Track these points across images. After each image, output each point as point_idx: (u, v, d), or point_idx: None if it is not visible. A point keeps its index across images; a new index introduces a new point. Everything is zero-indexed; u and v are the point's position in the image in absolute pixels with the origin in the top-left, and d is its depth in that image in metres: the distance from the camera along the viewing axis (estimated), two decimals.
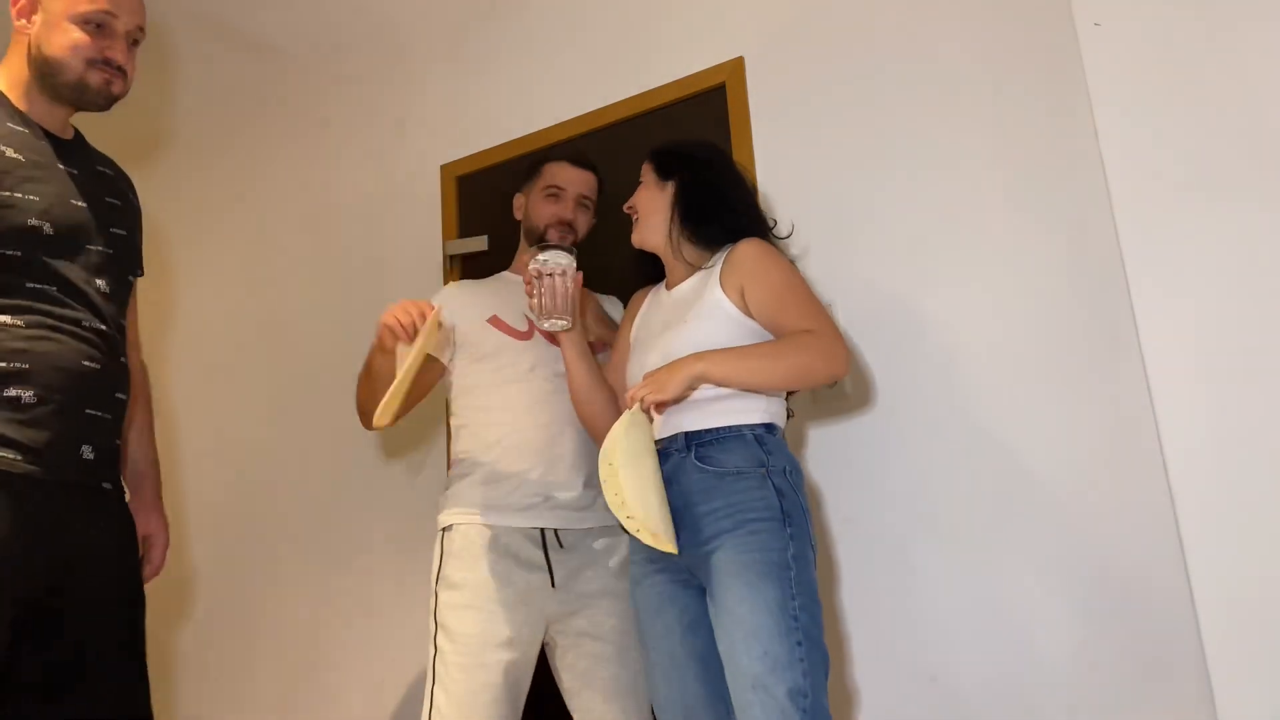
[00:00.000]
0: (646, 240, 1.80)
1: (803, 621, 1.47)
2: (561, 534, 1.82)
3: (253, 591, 2.89)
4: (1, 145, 1.48)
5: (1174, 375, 1.52)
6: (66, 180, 1.56)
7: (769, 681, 1.42)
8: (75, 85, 1.54)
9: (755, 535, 1.51)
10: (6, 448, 1.41)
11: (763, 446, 1.59)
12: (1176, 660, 1.69)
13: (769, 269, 1.64)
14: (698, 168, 1.77)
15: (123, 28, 1.57)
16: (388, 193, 2.91)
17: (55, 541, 1.45)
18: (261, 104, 3.24)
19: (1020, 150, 1.99)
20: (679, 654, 1.60)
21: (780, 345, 1.58)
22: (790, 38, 2.31)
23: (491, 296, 1.99)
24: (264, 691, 2.78)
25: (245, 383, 3.06)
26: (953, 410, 1.98)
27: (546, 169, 2.04)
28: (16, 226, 1.46)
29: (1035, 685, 1.82)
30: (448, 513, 1.87)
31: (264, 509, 2.93)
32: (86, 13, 1.52)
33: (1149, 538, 1.74)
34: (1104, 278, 1.84)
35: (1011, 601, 1.86)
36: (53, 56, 1.53)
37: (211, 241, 3.23)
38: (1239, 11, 1.55)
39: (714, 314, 1.64)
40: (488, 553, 1.79)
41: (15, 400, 1.42)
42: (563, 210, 2.00)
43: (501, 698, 1.72)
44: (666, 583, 1.63)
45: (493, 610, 1.75)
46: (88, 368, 1.51)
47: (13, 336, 1.44)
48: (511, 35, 2.76)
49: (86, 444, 1.51)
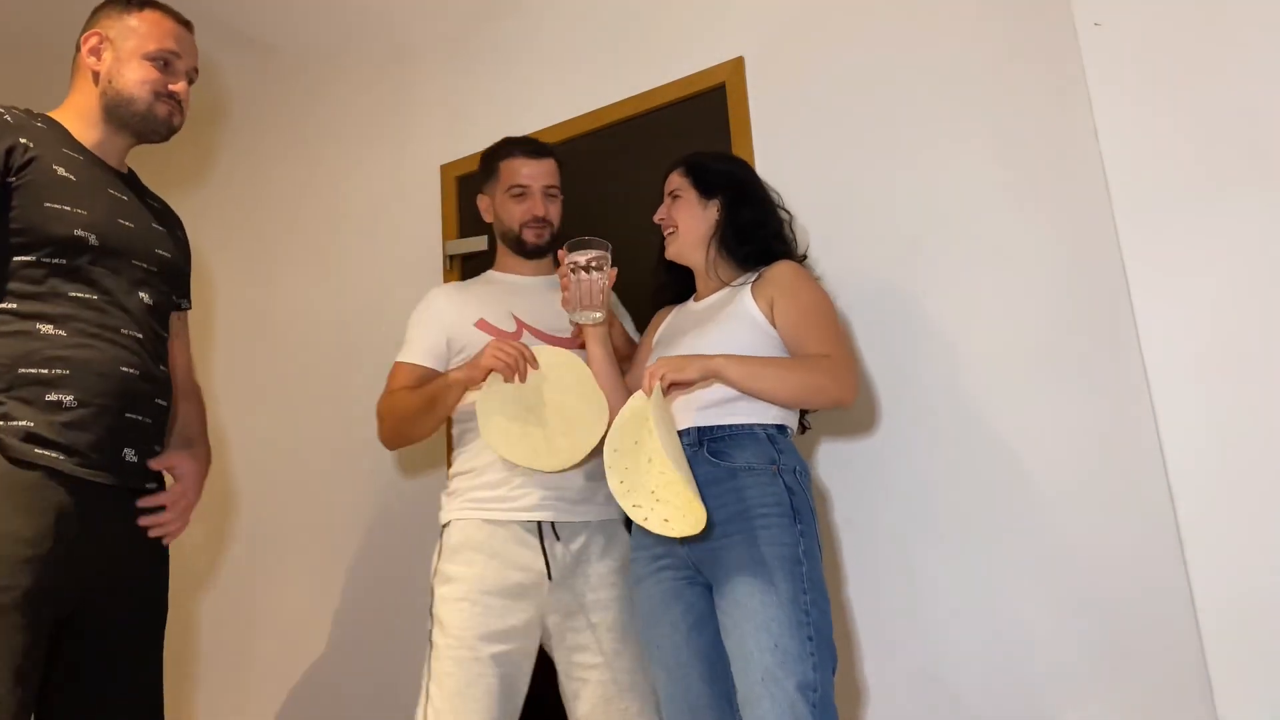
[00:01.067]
0: (685, 255, 1.82)
1: (813, 617, 1.49)
2: (559, 527, 1.82)
3: (255, 589, 2.89)
4: (55, 166, 1.57)
5: (1174, 375, 1.52)
6: (115, 202, 1.65)
7: (779, 674, 1.43)
8: (143, 115, 1.67)
9: (767, 530, 1.53)
10: (49, 448, 1.45)
11: (774, 445, 1.62)
12: (1176, 660, 1.69)
13: (800, 289, 1.68)
14: (741, 189, 1.80)
15: (184, 67, 1.71)
16: (388, 193, 2.91)
17: (96, 541, 1.50)
18: (261, 104, 3.24)
19: (1020, 150, 1.99)
20: (684, 653, 1.61)
21: (797, 362, 1.62)
22: (790, 38, 2.31)
23: (477, 299, 1.98)
24: (264, 689, 2.79)
25: (245, 382, 3.06)
26: (953, 410, 1.98)
27: (504, 167, 2.00)
28: (62, 236, 1.53)
29: (1035, 684, 1.82)
30: (446, 510, 1.88)
31: (264, 508, 2.94)
32: (155, 51, 1.67)
33: (1149, 538, 1.74)
34: (1104, 278, 1.84)
35: (1012, 601, 1.86)
36: (124, 90, 1.65)
37: (210, 241, 3.22)
38: (1239, 12, 1.55)
39: (742, 319, 1.67)
40: (484, 546, 1.80)
41: (57, 405, 1.48)
42: (533, 207, 1.98)
43: (496, 690, 1.72)
44: (671, 580, 1.64)
45: (488, 603, 1.76)
46: (126, 373, 1.56)
47: (53, 345, 1.50)
48: (511, 35, 2.76)
49: (129, 447, 1.56)
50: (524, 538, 1.80)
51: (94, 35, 1.67)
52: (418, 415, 1.85)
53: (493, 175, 2.03)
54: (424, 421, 1.87)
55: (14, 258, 1.51)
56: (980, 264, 2.00)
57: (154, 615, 1.63)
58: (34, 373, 1.47)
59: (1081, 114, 1.82)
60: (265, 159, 3.21)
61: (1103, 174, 1.63)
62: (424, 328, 1.95)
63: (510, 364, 1.75)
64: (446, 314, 1.94)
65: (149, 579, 1.62)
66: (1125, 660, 1.75)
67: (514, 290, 2.01)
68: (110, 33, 1.67)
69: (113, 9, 1.69)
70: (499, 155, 2.03)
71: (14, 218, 1.51)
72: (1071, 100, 1.90)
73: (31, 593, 1.38)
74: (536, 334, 1.92)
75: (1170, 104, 1.57)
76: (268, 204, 3.17)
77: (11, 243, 1.51)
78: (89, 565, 1.48)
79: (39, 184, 1.54)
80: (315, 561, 2.79)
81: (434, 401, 1.83)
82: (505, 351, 1.76)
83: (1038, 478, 1.88)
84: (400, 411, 1.87)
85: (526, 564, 1.79)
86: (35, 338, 1.49)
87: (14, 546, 1.39)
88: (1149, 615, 1.74)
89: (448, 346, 1.92)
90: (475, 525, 1.82)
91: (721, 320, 1.68)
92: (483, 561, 1.79)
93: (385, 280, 2.83)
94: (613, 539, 1.88)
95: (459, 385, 1.80)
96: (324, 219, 3.03)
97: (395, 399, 1.88)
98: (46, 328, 1.50)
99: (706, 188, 1.79)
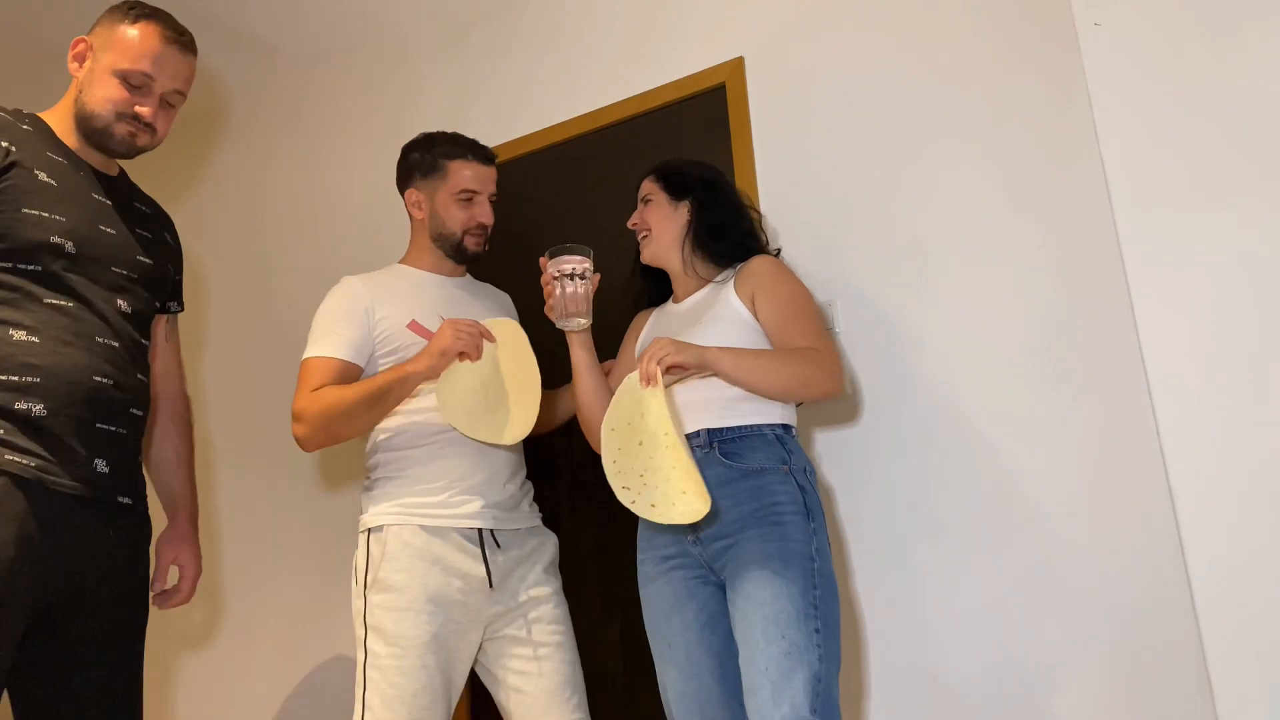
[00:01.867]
0: (660, 257, 1.84)
1: (821, 610, 1.51)
2: (498, 534, 1.81)
3: (238, 594, 2.89)
4: (37, 170, 1.56)
5: (1174, 375, 1.51)
6: (98, 208, 1.63)
7: (785, 664, 1.44)
8: (101, 133, 1.63)
9: (780, 526, 1.55)
10: (21, 454, 1.44)
11: (784, 445, 1.64)
12: (1176, 660, 1.69)
13: (779, 283, 1.71)
14: (710, 189, 1.84)
15: (159, 89, 1.65)
16: (388, 193, 2.90)
17: (69, 550, 1.48)
18: (262, 104, 3.25)
19: (1020, 150, 1.99)
20: (695, 651, 1.61)
21: (788, 354, 1.64)
22: (790, 38, 2.31)
23: (403, 297, 1.89)
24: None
25: (244, 382, 3.06)
26: (953, 411, 1.98)
27: (453, 169, 1.92)
28: (38, 242, 1.52)
29: (1035, 684, 1.82)
30: (374, 513, 1.81)
31: (265, 506, 2.94)
32: (126, 70, 1.62)
33: (1149, 538, 1.74)
34: (1104, 278, 1.84)
35: (1011, 601, 1.86)
36: (88, 105, 1.63)
37: (210, 242, 3.23)
38: (1239, 12, 1.55)
39: (729, 317, 1.69)
40: (424, 553, 1.75)
41: (26, 414, 1.46)
42: (480, 214, 1.93)
43: (440, 698, 1.71)
44: (684, 579, 1.65)
45: (432, 612, 1.72)
46: (99, 383, 1.54)
47: (26, 351, 1.48)
48: (512, 36, 2.76)
49: (100, 458, 1.53)
50: (464, 545, 1.78)
51: (82, 41, 1.66)
52: (358, 412, 1.75)
53: (436, 172, 1.93)
54: (364, 419, 1.78)
55: None
56: (980, 264, 2.00)
57: (132, 619, 1.60)
58: (4, 379, 1.46)
59: (1081, 114, 1.81)
60: (265, 159, 3.21)
61: (1103, 174, 1.63)
62: (345, 320, 1.84)
63: (474, 343, 1.74)
64: (375, 309, 1.85)
65: (125, 585, 1.59)
66: (1125, 660, 1.75)
67: (437, 289, 1.95)
68: (97, 42, 1.64)
69: (114, 16, 1.66)
70: (446, 153, 1.94)
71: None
72: (1071, 100, 1.90)
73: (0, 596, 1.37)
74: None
75: (1170, 104, 1.57)
76: (267, 204, 3.17)
77: None
78: (56, 572, 1.46)
79: (19, 189, 1.52)
80: (302, 568, 2.79)
81: (383, 396, 1.75)
82: (465, 331, 1.74)
83: (1037, 478, 1.88)
84: (333, 408, 1.74)
85: (467, 571, 1.77)
86: (7, 344, 1.47)
87: None
88: (1149, 615, 1.74)
89: (372, 341, 1.83)
90: (413, 531, 1.76)
91: (710, 320, 1.70)
92: (424, 569, 1.74)
93: None
94: (544, 542, 1.89)
95: (415, 377, 1.73)
96: (324, 219, 3.03)
97: (324, 396, 1.76)
98: (19, 334, 1.48)
99: (676, 190, 1.83)
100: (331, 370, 1.80)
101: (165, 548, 1.78)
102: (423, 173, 1.95)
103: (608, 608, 2.32)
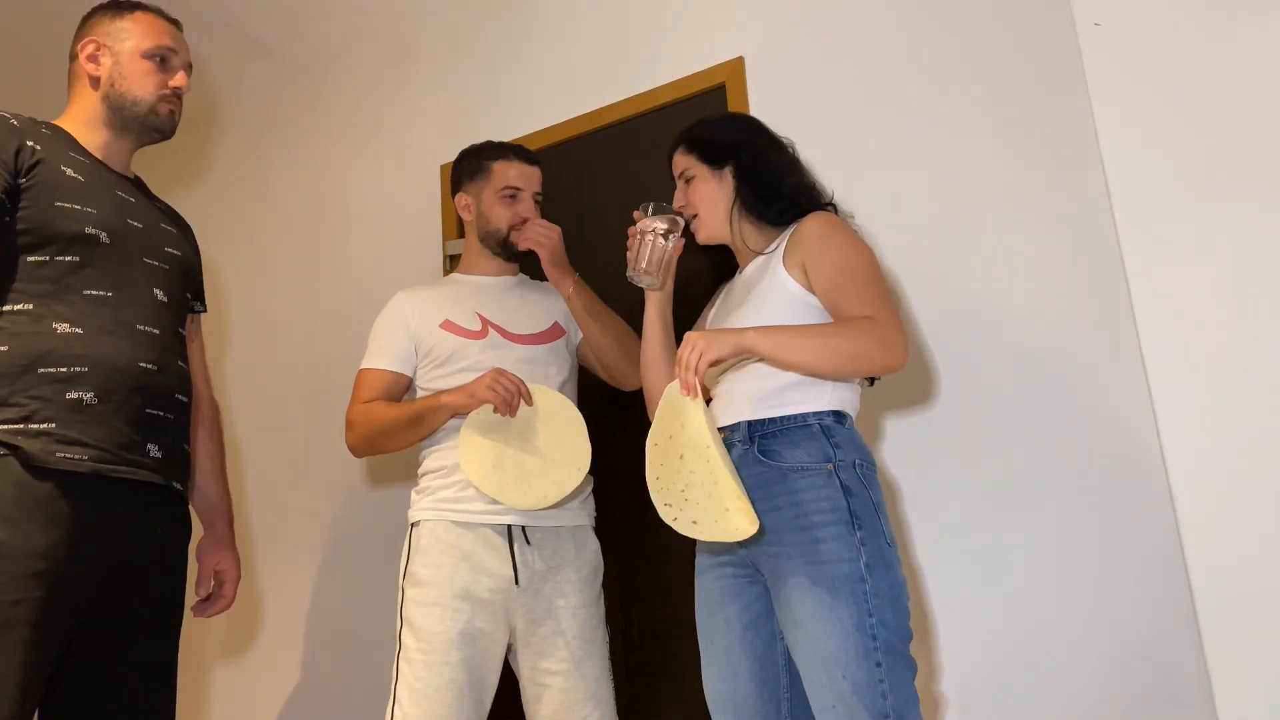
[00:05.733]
0: (712, 234, 1.70)
1: (881, 638, 1.40)
2: (529, 531, 1.81)
3: (257, 593, 2.89)
4: (63, 167, 1.59)
5: (1174, 375, 1.51)
6: (124, 203, 1.66)
7: (852, 703, 1.37)
8: (147, 114, 1.69)
9: (821, 544, 1.43)
10: (73, 446, 1.46)
11: (830, 439, 1.50)
12: (1177, 660, 1.69)
13: (829, 247, 1.54)
14: (749, 148, 1.68)
15: (180, 62, 1.73)
16: (388, 193, 2.91)
17: (120, 542, 1.51)
18: (261, 105, 3.24)
19: (1020, 150, 1.99)
20: (736, 651, 1.54)
21: (835, 327, 1.49)
22: (790, 38, 2.31)
23: (441, 300, 1.97)
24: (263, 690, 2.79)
25: (243, 382, 3.06)
26: (951, 410, 1.98)
27: (497, 169, 1.99)
28: (74, 233, 1.55)
29: (1035, 684, 1.82)
30: (416, 509, 1.87)
31: (265, 505, 2.94)
32: (153, 49, 1.69)
33: (1149, 538, 1.74)
34: (1104, 278, 1.84)
35: (1011, 601, 1.86)
36: (128, 91, 1.67)
37: (209, 242, 3.22)
38: (1239, 12, 1.55)
39: (776, 294, 1.56)
40: (454, 549, 1.79)
41: (77, 402, 1.48)
42: (523, 210, 1.98)
43: (465, 695, 1.72)
44: (730, 578, 1.57)
45: (459, 608, 1.75)
46: (145, 368, 1.56)
47: (71, 343, 1.50)
48: (511, 35, 2.76)
49: (152, 443, 1.56)
50: (493, 541, 1.79)
51: (90, 42, 1.69)
52: (398, 431, 1.87)
53: (481, 174, 2.00)
54: (403, 437, 1.88)
55: (27, 257, 1.52)
56: (980, 264, 2.00)
57: (173, 612, 1.63)
58: (53, 371, 1.48)
59: (1081, 114, 1.82)
60: (265, 159, 3.20)
61: (1103, 174, 1.63)
62: (390, 333, 1.96)
63: (506, 399, 1.76)
64: (412, 318, 1.95)
65: (171, 579, 1.62)
66: (1125, 660, 1.75)
67: (479, 290, 2.00)
68: (105, 38, 1.69)
69: (103, 15, 1.71)
70: (491, 155, 2.02)
71: (24, 217, 1.52)
72: (1071, 100, 1.90)
73: (45, 605, 1.39)
74: (502, 333, 1.92)
75: (1170, 104, 1.57)
76: (268, 204, 3.17)
77: (23, 243, 1.52)
78: (106, 567, 1.49)
79: (48, 184, 1.55)
80: (314, 557, 2.79)
81: (418, 421, 1.84)
82: (503, 385, 1.77)
83: (1037, 478, 1.88)
84: (378, 424, 1.87)
85: (494, 569, 1.78)
86: (52, 338, 1.50)
87: (28, 561, 1.39)
88: (1149, 616, 1.74)
89: (415, 350, 1.93)
90: (444, 527, 1.81)
91: (757, 300, 1.57)
92: (452, 564, 1.78)
93: (385, 280, 2.82)
94: (583, 545, 1.88)
95: (447, 409, 1.81)
96: (324, 219, 3.03)
97: (372, 411, 1.88)
98: (63, 326, 1.51)
99: (714, 158, 1.68)
100: (380, 381, 1.92)
101: (206, 554, 1.79)
102: (470, 176, 2.03)
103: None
